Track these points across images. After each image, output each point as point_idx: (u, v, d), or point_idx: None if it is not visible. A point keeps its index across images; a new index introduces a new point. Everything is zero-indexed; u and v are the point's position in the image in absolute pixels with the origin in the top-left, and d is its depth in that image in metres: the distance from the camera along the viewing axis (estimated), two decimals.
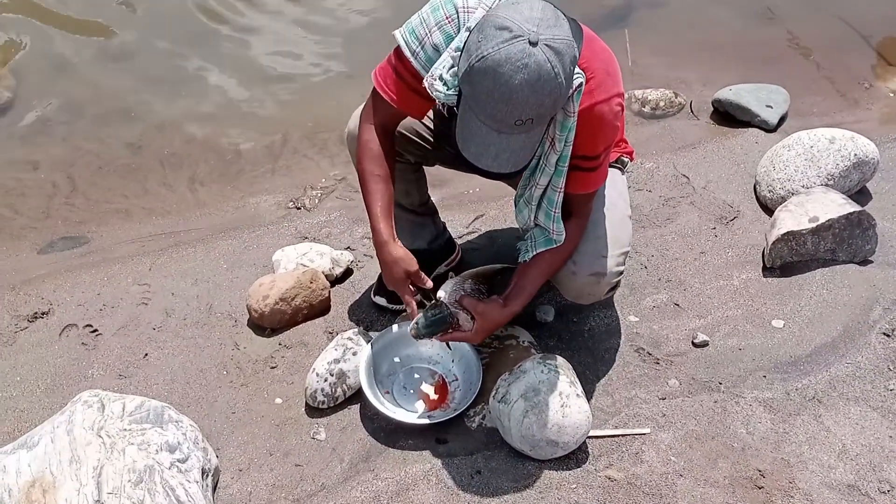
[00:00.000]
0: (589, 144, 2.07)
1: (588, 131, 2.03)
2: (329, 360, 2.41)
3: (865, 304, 2.72)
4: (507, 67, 1.73)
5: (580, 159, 2.09)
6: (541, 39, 1.73)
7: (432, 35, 2.01)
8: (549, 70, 1.75)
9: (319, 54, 4.11)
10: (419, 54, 2.04)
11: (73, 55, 4.03)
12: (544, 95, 1.77)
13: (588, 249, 2.29)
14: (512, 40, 1.73)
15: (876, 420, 2.37)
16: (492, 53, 1.74)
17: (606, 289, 2.36)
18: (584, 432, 2.21)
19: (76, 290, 2.83)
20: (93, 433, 2.04)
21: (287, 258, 2.81)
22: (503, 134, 1.84)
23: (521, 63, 1.73)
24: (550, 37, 1.75)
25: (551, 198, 2.14)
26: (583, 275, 2.30)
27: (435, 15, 2.01)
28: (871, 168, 3.13)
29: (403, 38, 2.06)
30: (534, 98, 1.76)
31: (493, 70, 1.74)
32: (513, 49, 1.73)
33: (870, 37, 4.29)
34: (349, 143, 2.43)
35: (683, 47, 4.10)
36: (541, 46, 1.73)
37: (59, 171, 3.44)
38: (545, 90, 1.76)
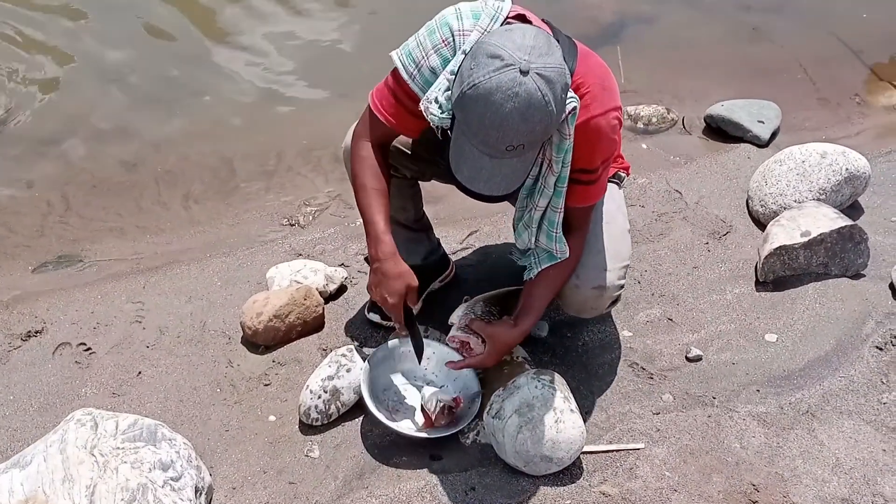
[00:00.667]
0: (587, 158, 2.08)
1: (585, 145, 2.04)
2: (323, 376, 2.41)
3: (858, 318, 2.73)
4: (497, 96, 1.75)
5: (579, 173, 2.10)
6: (532, 68, 1.75)
7: (429, 58, 2.03)
8: (540, 99, 1.76)
9: (314, 73, 4.12)
10: (416, 77, 2.06)
11: (68, 73, 4.04)
12: (535, 123, 1.79)
13: (590, 263, 2.30)
14: (503, 69, 1.75)
15: (869, 433, 2.38)
16: (483, 82, 1.76)
17: (608, 302, 2.38)
18: (578, 448, 2.21)
19: (70, 308, 2.83)
20: (86, 452, 2.03)
21: (281, 275, 2.81)
22: (495, 159, 1.86)
23: (512, 92, 1.75)
24: (542, 65, 1.76)
25: (552, 219, 2.15)
26: (586, 288, 2.31)
27: (431, 38, 2.03)
28: (862, 182, 3.14)
29: (401, 61, 2.08)
30: (524, 126, 1.78)
31: (484, 98, 1.76)
32: (503, 78, 1.75)
33: (861, 52, 4.32)
34: (345, 160, 2.44)
35: (675, 63, 4.12)
36: (532, 75, 1.75)
37: (53, 190, 3.44)
38: (535, 118, 1.78)
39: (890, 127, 3.87)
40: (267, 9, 4.52)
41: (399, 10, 4.45)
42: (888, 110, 4.00)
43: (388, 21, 4.39)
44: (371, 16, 4.50)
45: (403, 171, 2.46)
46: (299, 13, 4.49)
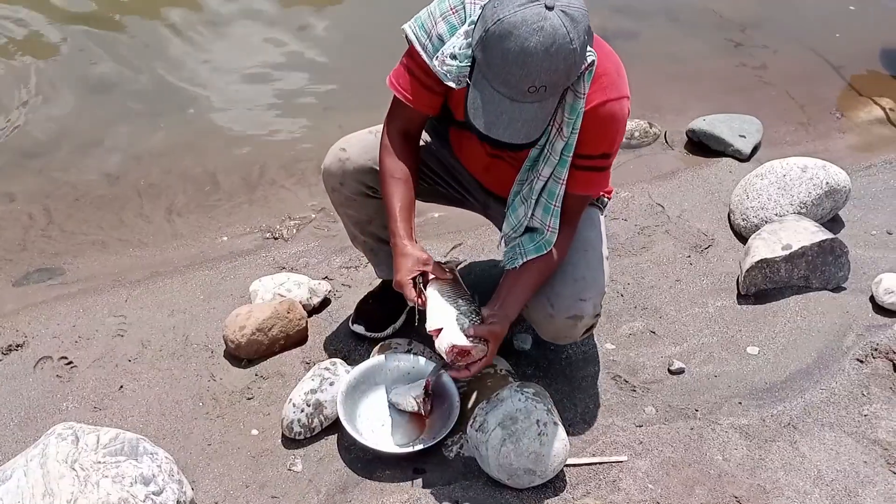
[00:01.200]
0: (598, 142, 2.08)
1: (599, 128, 2.05)
2: (306, 390, 2.40)
3: (839, 331, 2.75)
4: (522, 30, 1.75)
5: (585, 158, 2.09)
6: (557, 5, 1.75)
7: (437, 26, 2.04)
8: (565, 34, 1.76)
9: (298, 86, 4.13)
10: (428, 46, 2.06)
11: (51, 86, 4.03)
12: (559, 60, 1.78)
13: (567, 293, 2.28)
14: (529, 4, 1.75)
15: (851, 445, 2.39)
16: (508, 16, 1.75)
17: (583, 331, 2.35)
18: (561, 460, 2.21)
19: (51, 322, 2.81)
20: (66, 466, 2.01)
21: (264, 288, 2.81)
22: (516, 102, 1.84)
23: (537, 26, 1.74)
24: (566, 3, 1.77)
25: (552, 190, 2.12)
26: (560, 318, 2.29)
27: (440, 6, 2.04)
28: (842, 196, 3.17)
29: (413, 32, 2.08)
30: (548, 62, 1.77)
31: (508, 32, 1.76)
32: (528, 12, 1.75)
33: (840, 68, 4.37)
34: (325, 179, 2.44)
35: (657, 78, 4.15)
36: (556, 11, 1.75)
37: (35, 203, 3.42)
38: (559, 55, 1.77)
39: (870, 141, 3.92)
40: (250, 23, 4.52)
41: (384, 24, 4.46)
42: (868, 125, 4.04)
43: (373, 35, 4.40)
44: (355, 30, 4.51)
45: None
46: (284, 28, 4.50)
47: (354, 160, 2.37)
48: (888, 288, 2.82)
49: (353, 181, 2.39)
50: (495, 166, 2.30)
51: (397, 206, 2.20)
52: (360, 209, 2.46)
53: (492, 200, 2.48)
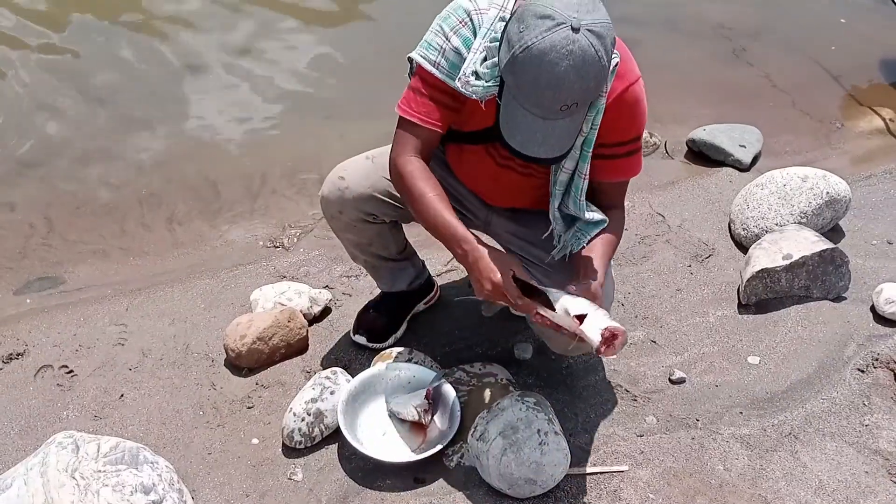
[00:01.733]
0: (629, 127, 2.11)
1: (628, 114, 2.08)
2: (306, 399, 2.40)
3: (840, 341, 2.75)
4: (552, 56, 1.75)
5: (620, 145, 2.12)
6: (583, 25, 1.76)
7: (450, 40, 2.03)
8: (594, 55, 1.77)
9: (299, 95, 4.13)
10: (441, 64, 2.05)
11: (52, 95, 4.04)
12: (590, 79, 1.80)
13: None
14: (555, 28, 1.75)
15: (852, 455, 2.39)
16: (536, 43, 1.76)
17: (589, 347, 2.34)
18: (562, 470, 2.21)
19: (52, 330, 2.81)
20: (66, 475, 2.01)
21: (265, 297, 2.81)
22: (548, 120, 1.85)
23: (566, 50, 1.75)
24: (591, 21, 1.77)
25: (577, 184, 2.13)
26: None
27: (448, 22, 2.04)
28: (843, 206, 3.18)
29: (422, 56, 2.07)
30: (579, 83, 1.78)
31: (538, 59, 1.76)
32: (556, 37, 1.75)
33: (840, 77, 4.37)
34: (324, 207, 2.44)
35: (658, 88, 4.09)
36: (583, 32, 1.75)
37: (36, 212, 3.42)
38: (590, 74, 1.79)
39: (870, 151, 3.92)
40: (253, 32, 4.53)
41: (385, 34, 4.48)
42: (868, 135, 4.05)
43: (374, 46, 4.41)
44: (355, 41, 4.52)
45: (383, 217, 2.42)
46: (287, 38, 4.51)
47: (353, 188, 2.35)
48: (889, 298, 2.82)
49: (352, 209, 2.38)
50: (504, 175, 2.29)
51: (450, 219, 2.07)
52: (360, 234, 2.46)
53: (493, 216, 2.47)
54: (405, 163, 2.11)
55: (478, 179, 2.40)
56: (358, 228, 2.44)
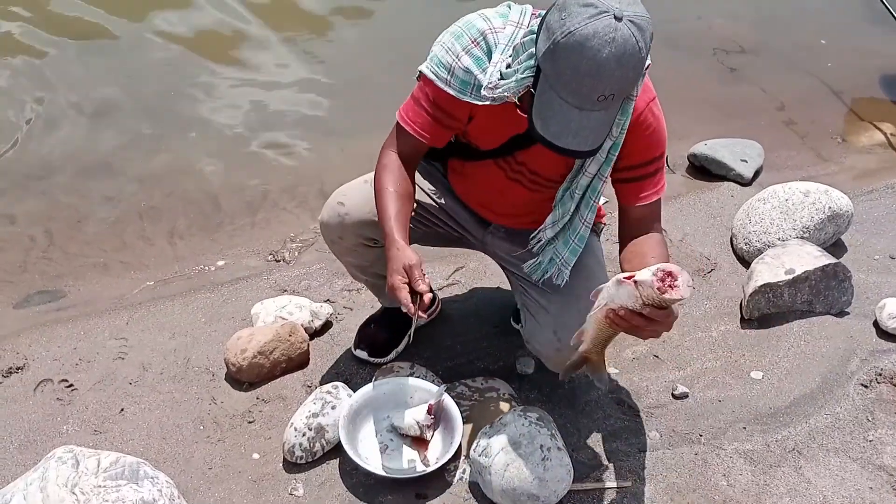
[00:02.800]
0: (654, 145, 2.13)
1: (648, 135, 2.09)
2: (307, 414, 2.39)
3: (843, 356, 2.74)
4: (594, 42, 1.75)
5: (647, 164, 2.13)
6: (625, 15, 1.76)
7: (461, 60, 2.04)
8: (634, 44, 1.77)
9: (299, 110, 4.14)
10: (452, 82, 2.06)
11: (53, 109, 4.04)
12: (629, 69, 1.79)
13: (574, 324, 2.24)
14: (598, 16, 1.75)
15: (856, 471, 2.38)
16: (579, 28, 1.75)
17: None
18: (565, 486, 2.20)
19: (52, 344, 2.80)
20: (66, 490, 2.00)
21: (266, 311, 2.80)
22: (584, 111, 1.84)
23: (609, 37, 1.74)
24: (633, 13, 1.77)
25: (595, 186, 2.13)
26: (566, 350, 2.24)
27: (460, 41, 2.05)
28: (845, 221, 3.17)
29: (432, 71, 2.09)
30: (619, 72, 1.78)
31: (580, 45, 1.76)
32: (599, 24, 1.75)
33: (841, 92, 4.38)
34: (324, 233, 2.43)
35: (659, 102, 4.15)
36: (625, 21, 1.75)
37: (36, 225, 3.41)
38: (630, 64, 1.78)
39: (871, 166, 3.92)
40: (253, 48, 4.54)
41: (385, 48, 4.49)
42: (869, 149, 4.05)
43: (374, 59, 4.42)
44: (357, 56, 4.53)
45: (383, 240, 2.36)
46: (287, 52, 4.52)
47: (353, 214, 2.35)
48: (892, 313, 2.81)
49: (351, 234, 2.37)
50: (512, 189, 2.29)
51: (392, 210, 2.13)
52: (361, 257, 2.46)
53: (489, 236, 2.47)
54: (385, 155, 2.22)
55: (482, 195, 2.40)
56: (358, 252, 2.44)
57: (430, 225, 2.49)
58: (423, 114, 2.15)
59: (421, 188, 2.42)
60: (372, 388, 2.45)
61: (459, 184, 2.43)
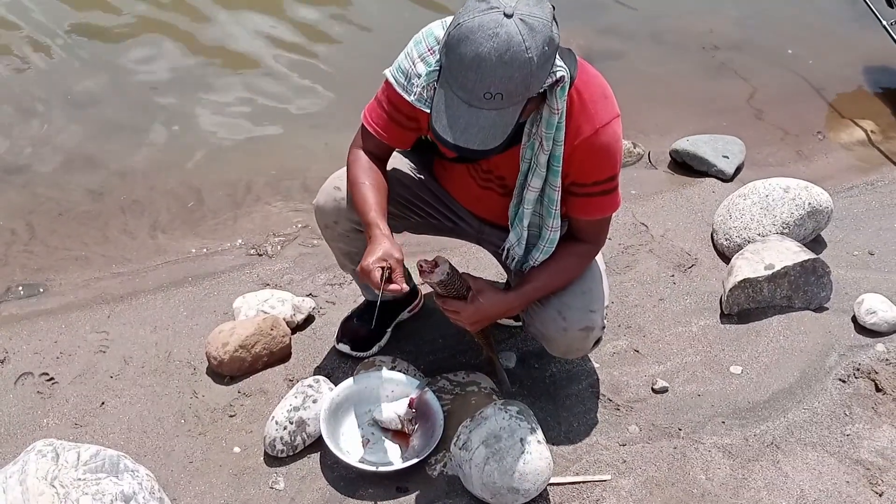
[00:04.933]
0: (600, 169, 2.10)
1: (597, 157, 2.07)
2: (289, 407, 2.39)
3: (821, 351, 2.76)
4: (478, 35, 1.75)
5: (594, 185, 2.11)
6: (516, 13, 1.75)
7: (416, 66, 2.06)
8: (520, 42, 1.75)
9: (284, 104, 4.13)
10: (409, 88, 2.09)
11: (34, 101, 4.02)
12: (513, 69, 1.77)
13: (578, 304, 2.29)
14: (488, 10, 1.75)
15: (833, 465, 2.40)
16: (466, 21, 1.76)
17: (593, 342, 2.36)
18: (545, 479, 2.21)
19: (32, 337, 2.79)
20: (46, 483, 2.00)
21: (248, 305, 2.80)
22: (473, 108, 1.82)
23: (492, 32, 1.74)
24: (527, 13, 1.76)
25: (551, 196, 2.12)
26: (573, 330, 2.29)
27: (418, 48, 2.07)
28: (825, 217, 3.19)
29: (393, 76, 2.12)
30: (501, 70, 1.76)
31: (465, 37, 1.76)
32: (486, 18, 1.75)
33: (822, 89, 4.41)
34: (318, 217, 2.44)
35: (642, 99, 4.17)
36: (515, 19, 1.75)
37: (17, 218, 3.39)
38: (514, 63, 1.76)
39: (851, 163, 3.95)
40: (238, 40, 4.53)
41: (370, 43, 4.49)
42: (850, 146, 4.08)
43: (358, 56, 4.41)
44: (341, 50, 4.52)
45: None
46: (271, 46, 4.51)
47: (349, 199, 2.36)
48: (870, 308, 2.84)
49: (346, 220, 2.38)
50: (486, 197, 2.31)
51: (373, 200, 2.18)
52: (352, 244, 2.46)
53: (486, 227, 2.48)
54: (353, 152, 2.29)
55: (464, 198, 2.44)
56: (350, 238, 2.44)
57: (423, 215, 2.49)
58: (384, 115, 2.19)
59: (417, 176, 2.44)
60: (353, 382, 2.46)
61: (445, 183, 2.44)
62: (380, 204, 2.18)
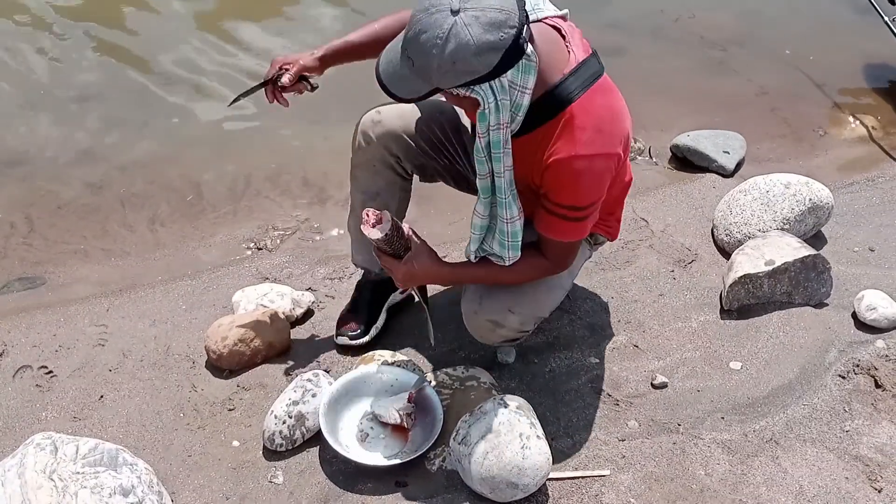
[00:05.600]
0: (562, 191, 2.07)
1: (563, 180, 2.05)
2: (288, 401, 2.39)
3: (821, 347, 2.76)
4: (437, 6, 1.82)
5: (554, 204, 2.10)
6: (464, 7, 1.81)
7: None
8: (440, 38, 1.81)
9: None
10: None
11: (34, 94, 4.01)
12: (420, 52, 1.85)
13: (501, 298, 2.33)
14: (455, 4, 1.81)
15: (832, 461, 2.39)
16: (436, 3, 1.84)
17: (502, 339, 2.40)
18: (544, 474, 2.20)
19: (31, 330, 2.79)
20: (44, 476, 1.99)
21: (247, 299, 2.79)
22: (404, 53, 1.90)
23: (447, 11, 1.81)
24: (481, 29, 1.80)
25: (499, 185, 2.10)
26: (482, 317, 2.35)
27: None
28: (825, 213, 3.19)
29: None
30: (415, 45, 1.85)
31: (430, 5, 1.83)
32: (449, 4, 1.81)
33: (823, 85, 4.40)
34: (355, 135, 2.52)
35: (643, 94, 4.16)
36: (461, 14, 1.80)
37: (17, 212, 3.39)
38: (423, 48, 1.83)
39: (852, 158, 3.94)
40: (237, 34, 4.52)
41: None
42: (850, 142, 4.07)
43: None
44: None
45: (404, 164, 2.50)
46: (270, 40, 4.50)
47: (386, 123, 2.45)
48: (870, 304, 2.83)
49: (379, 145, 2.45)
50: None
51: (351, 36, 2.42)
52: (373, 178, 2.51)
53: None
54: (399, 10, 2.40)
55: None
56: (376, 169, 2.49)
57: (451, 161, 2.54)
58: None
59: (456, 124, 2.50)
60: (352, 377, 2.46)
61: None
62: (349, 42, 2.41)
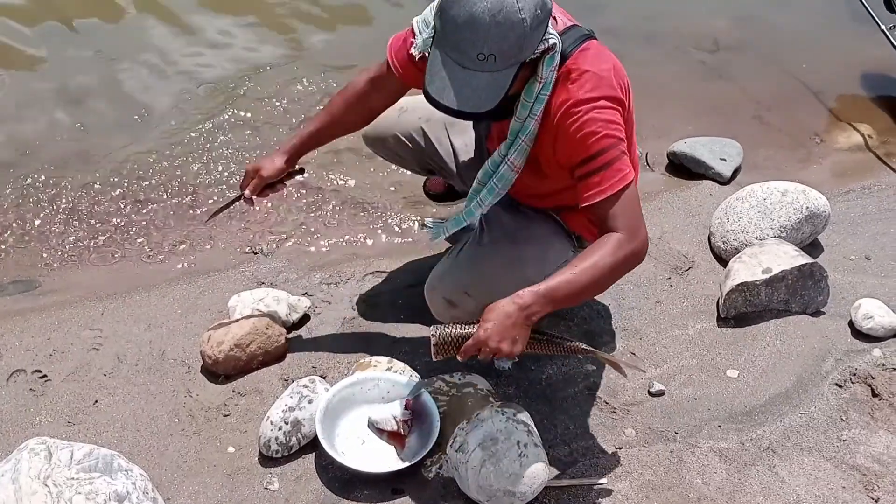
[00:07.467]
0: (579, 147, 2.02)
1: (569, 132, 2.02)
2: (284, 408, 2.38)
3: (818, 355, 2.76)
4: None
5: (580, 166, 2.03)
6: None
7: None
8: (513, 3, 1.79)
9: (279, 102, 4.11)
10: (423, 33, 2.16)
11: (27, 96, 3.99)
12: (506, 29, 1.80)
13: (458, 277, 2.36)
14: None
15: (829, 470, 2.39)
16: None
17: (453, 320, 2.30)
18: (541, 482, 2.20)
19: (25, 334, 2.77)
20: (39, 482, 1.98)
21: (243, 304, 2.78)
22: (467, 70, 1.85)
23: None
24: None
25: (501, 174, 2.11)
26: (438, 295, 2.40)
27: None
28: (822, 221, 3.19)
29: (418, 26, 2.18)
30: (495, 30, 1.80)
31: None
32: None
33: (820, 93, 4.40)
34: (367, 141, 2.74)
35: (639, 101, 4.11)
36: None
37: (11, 214, 3.37)
38: (506, 23, 1.80)
39: (849, 166, 3.95)
40: (233, 32, 4.51)
41: (363, 36, 4.47)
42: (847, 150, 4.08)
43: (356, 45, 4.40)
44: (337, 39, 4.51)
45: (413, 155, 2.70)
46: (267, 42, 4.49)
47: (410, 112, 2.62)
48: (867, 313, 2.83)
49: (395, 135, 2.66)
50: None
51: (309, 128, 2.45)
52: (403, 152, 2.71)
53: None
54: (358, 74, 2.45)
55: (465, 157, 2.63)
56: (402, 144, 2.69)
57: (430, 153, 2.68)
58: (404, 51, 2.24)
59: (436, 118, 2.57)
60: (349, 383, 2.45)
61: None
62: (308, 135, 2.43)
